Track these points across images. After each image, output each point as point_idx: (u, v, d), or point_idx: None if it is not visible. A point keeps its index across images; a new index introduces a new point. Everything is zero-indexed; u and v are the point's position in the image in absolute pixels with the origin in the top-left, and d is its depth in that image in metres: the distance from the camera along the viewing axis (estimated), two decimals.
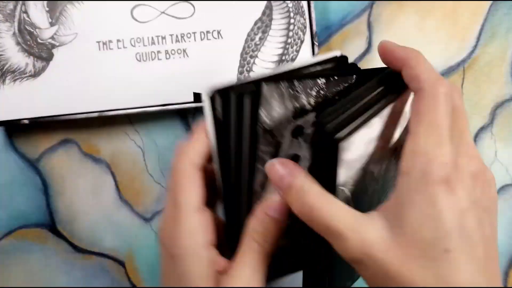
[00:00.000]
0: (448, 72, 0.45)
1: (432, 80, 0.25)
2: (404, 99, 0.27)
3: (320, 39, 0.45)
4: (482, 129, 0.45)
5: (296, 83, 0.26)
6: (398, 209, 0.24)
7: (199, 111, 0.44)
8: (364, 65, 0.45)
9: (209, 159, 0.29)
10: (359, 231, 0.24)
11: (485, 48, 0.45)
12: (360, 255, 0.24)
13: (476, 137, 0.45)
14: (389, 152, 0.29)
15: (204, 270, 0.27)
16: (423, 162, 0.24)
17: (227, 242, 0.30)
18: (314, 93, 0.27)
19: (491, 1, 0.45)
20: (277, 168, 0.27)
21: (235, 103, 0.27)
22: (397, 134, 0.28)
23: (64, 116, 0.41)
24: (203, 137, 0.29)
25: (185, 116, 0.44)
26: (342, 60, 0.29)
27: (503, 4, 0.45)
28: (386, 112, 0.26)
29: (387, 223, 0.24)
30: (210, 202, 0.29)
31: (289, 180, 0.26)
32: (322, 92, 0.27)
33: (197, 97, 0.41)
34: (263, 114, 0.26)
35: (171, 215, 0.29)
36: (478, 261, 0.24)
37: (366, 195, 0.29)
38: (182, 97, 0.41)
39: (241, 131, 0.27)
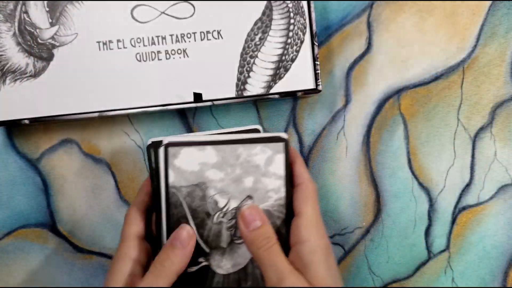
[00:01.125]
0: (448, 72, 0.45)
1: (308, 178, 0.36)
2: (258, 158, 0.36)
3: (320, 39, 0.45)
4: (482, 129, 0.45)
5: None
6: (306, 265, 0.33)
7: (199, 111, 0.44)
8: (364, 64, 0.45)
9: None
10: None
11: (484, 48, 0.45)
12: None
13: (475, 137, 0.45)
14: (240, 195, 0.36)
15: (123, 279, 0.33)
16: (313, 238, 0.34)
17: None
18: None
19: (491, 1, 0.45)
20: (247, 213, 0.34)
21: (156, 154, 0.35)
22: (249, 185, 0.36)
23: (64, 116, 0.41)
24: (146, 184, 0.37)
25: (185, 116, 0.45)
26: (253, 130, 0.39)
27: (503, 4, 0.45)
28: (229, 152, 0.35)
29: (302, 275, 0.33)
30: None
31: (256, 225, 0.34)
32: None
33: (197, 97, 0.42)
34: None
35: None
36: None
37: (209, 219, 0.35)
38: (182, 97, 0.41)
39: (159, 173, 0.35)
